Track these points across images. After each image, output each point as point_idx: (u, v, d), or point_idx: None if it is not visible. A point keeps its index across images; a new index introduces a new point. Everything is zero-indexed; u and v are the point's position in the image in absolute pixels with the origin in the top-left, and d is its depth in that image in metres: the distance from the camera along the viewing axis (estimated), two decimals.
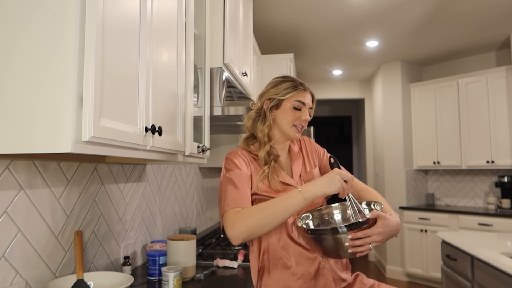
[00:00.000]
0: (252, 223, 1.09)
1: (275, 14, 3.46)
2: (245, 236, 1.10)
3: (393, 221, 1.13)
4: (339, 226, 1.10)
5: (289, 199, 1.12)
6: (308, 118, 1.31)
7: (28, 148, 0.82)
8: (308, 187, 1.13)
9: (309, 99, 1.32)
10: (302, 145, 1.45)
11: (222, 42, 1.89)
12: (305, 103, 1.30)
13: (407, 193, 4.80)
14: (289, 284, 1.20)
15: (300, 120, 1.29)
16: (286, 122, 1.29)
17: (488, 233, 2.61)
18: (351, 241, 1.07)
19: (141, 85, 1.08)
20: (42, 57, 0.83)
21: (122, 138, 0.95)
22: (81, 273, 1.16)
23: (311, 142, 1.48)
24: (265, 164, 1.27)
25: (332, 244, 1.11)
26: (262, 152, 1.28)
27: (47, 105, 0.81)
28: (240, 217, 1.11)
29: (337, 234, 1.08)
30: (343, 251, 1.10)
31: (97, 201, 1.47)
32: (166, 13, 1.29)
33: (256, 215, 1.10)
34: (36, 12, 0.84)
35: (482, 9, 3.37)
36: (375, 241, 1.08)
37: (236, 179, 1.21)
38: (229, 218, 1.12)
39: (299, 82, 1.32)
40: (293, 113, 1.29)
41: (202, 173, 2.83)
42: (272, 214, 1.10)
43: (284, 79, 1.33)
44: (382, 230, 1.09)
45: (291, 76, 1.36)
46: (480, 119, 4.21)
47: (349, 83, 6.02)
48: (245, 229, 1.09)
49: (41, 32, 0.83)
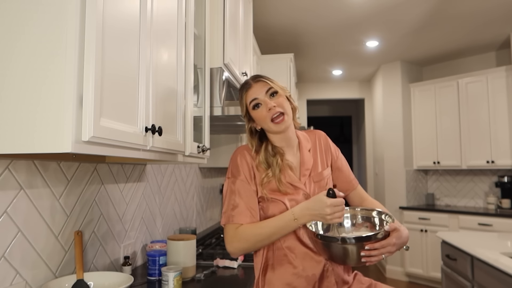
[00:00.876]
0: (251, 242, 1.19)
1: (275, 14, 3.46)
2: (243, 252, 1.22)
3: (404, 232, 1.16)
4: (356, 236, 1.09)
5: (285, 226, 1.18)
6: (273, 105, 1.21)
7: (28, 148, 0.82)
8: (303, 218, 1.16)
9: (260, 90, 1.23)
10: (317, 141, 1.37)
11: (222, 42, 1.88)
12: (256, 96, 1.23)
13: (407, 193, 4.80)
14: (292, 281, 1.20)
15: (269, 113, 1.22)
16: (264, 124, 1.25)
17: (488, 233, 2.61)
18: (367, 252, 1.08)
19: (141, 85, 1.08)
20: (42, 57, 0.83)
21: (122, 138, 0.95)
22: (81, 273, 1.16)
23: (327, 139, 1.41)
24: (268, 168, 1.24)
25: (341, 252, 1.10)
26: (260, 158, 1.26)
27: (47, 105, 0.81)
28: (238, 236, 1.19)
29: (351, 244, 1.08)
30: (351, 260, 1.11)
31: (97, 201, 1.47)
32: (166, 13, 1.29)
33: (253, 237, 1.19)
34: (36, 12, 0.84)
35: (482, 9, 3.37)
36: (389, 252, 1.10)
37: (241, 188, 1.23)
38: (228, 234, 1.21)
39: (243, 85, 1.28)
40: (259, 112, 1.24)
41: (202, 173, 2.83)
42: (268, 237, 1.19)
43: (240, 88, 1.31)
44: (397, 242, 1.11)
45: (245, 80, 1.31)
46: (480, 119, 4.21)
47: (349, 83, 6.02)
48: (241, 249, 1.20)
49: (41, 32, 0.83)
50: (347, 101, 6.89)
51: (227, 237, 1.21)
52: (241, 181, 1.23)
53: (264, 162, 1.25)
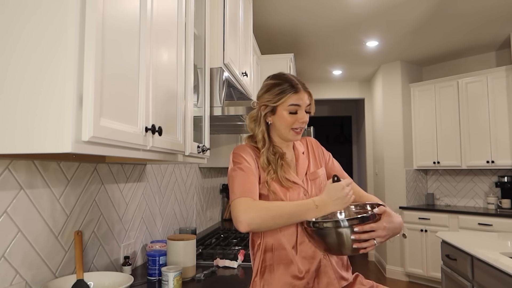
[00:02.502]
0: (267, 216, 1.13)
1: (275, 14, 3.46)
2: (255, 226, 1.13)
3: (397, 218, 1.17)
4: (346, 218, 1.11)
5: (305, 211, 1.16)
6: (306, 119, 1.28)
7: (28, 148, 0.82)
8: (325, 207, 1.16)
9: (304, 99, 1.26)
10: (309, 146, 1.44)
11: (222, 42, 1.89)
12: (300, 104, 1.26)
13: (407, 193, 4.80)
14: (291, 281, 1.20)
15: (297, 123, 1.27)
16: (284, 127, 1.28)
17: (488, 233, 2.61)
18: (357, 235, 1.08)
19: (141, 85, 1.08)
20: (42, 57, 0.82)
21: (122, 138, 0.95)
22: (81, 273, 1.16)
23: (318, 145, 1.47)
24: (269, 165, 1.26)
25: (335, 239, 1.11)
26: (262, 157, 1.28)
27: (47, 105, 0.81)
28: (257, 207, 1.14)
29: (342, 227, 1.09)
30: (346, 247, 1.11)
31: (97, 201, 1.47)
32: (166, 13, 1.29)
33: (272, 211, 1.15)
34: (36, 12, 0.84)
35: (482, 9, 3.37)
36: (380, 236, 1.10)
37: (246, 170, 1.22)
38: (242, 204, 1.14)
39: (291, 84, 1.26)
40: (290, 117, 1.26)
41: (202, 173, 2.84)
42: (287, 217, 1.15)
43: (276, 81, 1.28)
44: (387, 226, 1.12)
45: (284, 76, 1.30)
46: (480, 119, 4.21)
47: (349, 83, 6.02)
48: (258, 220, 1.12)
49: (41, 32, 0.83)
50: (347, 101, 6.89)
51: (241, 207, 1.13)
52: (246, 166, 1.24)
53: (263, 162, 1.27)
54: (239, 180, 1.21)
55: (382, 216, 1.14)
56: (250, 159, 1.26)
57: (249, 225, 1.11)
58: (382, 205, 1.21)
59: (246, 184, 1.19)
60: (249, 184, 1.20)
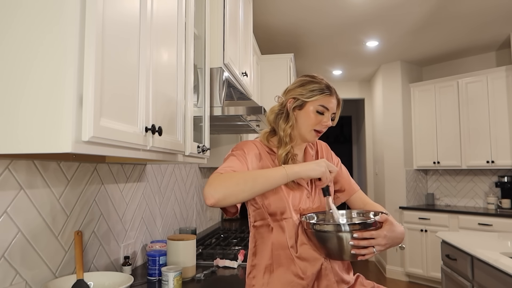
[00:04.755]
0: (231, 183, 1.06)
1: (275, 14, 3.46)
2: (220, 196, 1.04)
3: (399, 228, 1.15)
4: (347, 223, 1.11)
5: (272, 171, 1.13)
6: (330, 123, 1.28)
7: (28, 148, 0.82)
8: (293, 167, 1.15)
9: (333, 104, 1.28)
10: (319, 149, 1.44)
11: (222, 42, 1.89)
12: (329, 108, 1.27)
13: (407, 193, 4.80)
14: (291, 281, 1.20)
15: (320, 125, 1.27)
16: (307, 125, 1.27)
17: (488, 233, 2.61)
18: (356, 241, 1.07)
19: (141, 85, 1.08)
20: (42, 57, 0.82)
21: (122, 138, 0.95)
22: (81, 273, 1.16)
23: (328, 149, 1.47)
24: (284, 163, 1.25)
25: (334, 243, 1.10)
26: (282, 151, 1.27)
27: (47, 105, 0.81)
28: (221, 177, 1.08)
29: (342, 231, 1.08)
30: (344, 252, 1.10)
31: (97, 201, 1.47)
32: (166, 13, 1.29)
33: (236, 178, 1.08)
34: (36, 12, 0.84)
35: (482, 9, 3.37)
36: (379, 244, 1.09)
37: (239, 157, 1.21)
38: (211, 178, 1.09)
39: (327, 86, 1.28)
40: (315, 117, 1.26)
41: (202, 173, 2.84)
42: (252, 180, 1.09)
43: (312, 79, 1.30)
44: (388, 234, 1.11)
45: (320, 78, 1.32)
46: (480, 119, 4.21)
47: (349, 83, 6.02)
48: (223, 189, 1.05)
49: (41, 32, 0.83)
50: (347, 101, 6.85)
51: (209, 181, 1.07)
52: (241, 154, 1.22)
53: (282, 158, 1.26)
54: (226, 163, 1.18)
55: (384, 224, 1.12)
56: (251, 156, 1.24)
57: (213, 197, 1.03)
58: (385, 214, 1.21)
59: (230, 165, 1.16)
60: (234, 166, 1.15)
